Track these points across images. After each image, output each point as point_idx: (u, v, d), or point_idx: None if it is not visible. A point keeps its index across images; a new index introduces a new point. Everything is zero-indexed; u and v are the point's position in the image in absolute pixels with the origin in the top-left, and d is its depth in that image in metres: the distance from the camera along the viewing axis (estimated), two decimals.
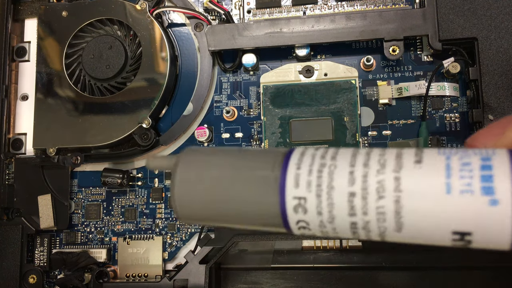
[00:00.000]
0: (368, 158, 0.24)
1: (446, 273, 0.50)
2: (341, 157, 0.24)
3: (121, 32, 0.52)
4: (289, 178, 0.25)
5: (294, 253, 0.52)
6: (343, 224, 0.24)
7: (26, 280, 0.53)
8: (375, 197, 0.23)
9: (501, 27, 0.46)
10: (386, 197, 0.22)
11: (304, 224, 0.25)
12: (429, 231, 0.22)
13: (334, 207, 0.24)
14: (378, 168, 0.23)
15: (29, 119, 0.54)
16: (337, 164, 0.24)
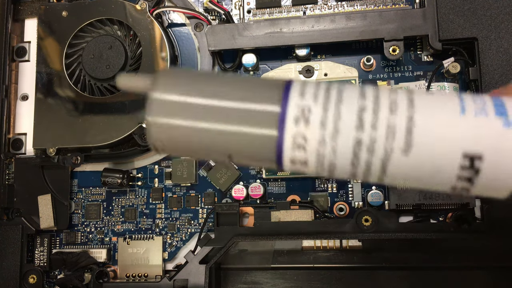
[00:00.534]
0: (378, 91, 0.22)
1: (446, 273, 0.50)
2: (349, 86, 0.23)
3: (121, 32, 0.52)
4: (294, 89, 0.23)
5: (294, 253, 0.52)
6: (347, 142, 0.22)
7: (26, 280, 0.53)
8: (387, 112, 0.21)
9: (501, 27, 0.46)
10: (398, 113, 0.21)
11: (302, 141, 0.22)
12: (438, 154, 0.21)
13: (340, 118, 0.22)
14: (390, 93, 0.22)
15: (29, 119, 0.54)
16: (346, 87, 0.22)
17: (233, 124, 0.23)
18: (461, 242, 0.50)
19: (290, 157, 0.23)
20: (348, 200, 0.49)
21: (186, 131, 0.24)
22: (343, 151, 0.22)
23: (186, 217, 0.52)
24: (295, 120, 0.22)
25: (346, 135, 0.22)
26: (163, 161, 0.53)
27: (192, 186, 0.52)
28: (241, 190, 0.50)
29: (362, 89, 0.22)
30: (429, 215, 0.47)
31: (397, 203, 0.47)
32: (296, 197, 0.50)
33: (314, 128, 0.22)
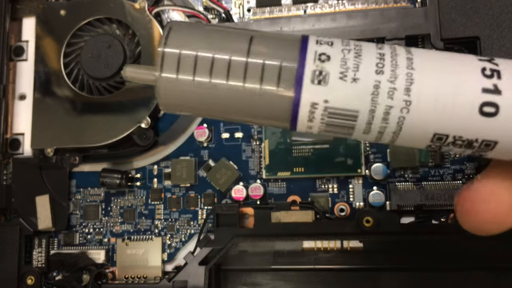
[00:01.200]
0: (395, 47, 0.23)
1: (448, 274, 0.49)
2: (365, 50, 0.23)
3: (120, 31, 0.52)
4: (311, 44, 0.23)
5: (295, 254, 0.51)
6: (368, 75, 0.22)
7: (24, 281, 0.52)
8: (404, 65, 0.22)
9: (503, 26, 0.45)
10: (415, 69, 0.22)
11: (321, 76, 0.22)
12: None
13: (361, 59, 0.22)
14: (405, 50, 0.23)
15: (27, 119, 0.54)
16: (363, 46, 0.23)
17: (248, 80, 0.22)
18: (463, 243, 0.50)
19: (305, 117, 0.23)
20: (349, 201, 0.49)
21: (197, 88, 0.23)
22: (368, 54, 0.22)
23: (186, 218, 0.52)
24: (312, 78, 0.22)
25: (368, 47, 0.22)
26: (162, 161, 0.53)
27: (192, 187, 0.52)
28: (241, 191, 0.50)
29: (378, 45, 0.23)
30: (430, 216, 0.47)
31: (398, 204, 0.46)
32: (297, 197, 0.50)
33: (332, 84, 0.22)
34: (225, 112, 0.24)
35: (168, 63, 0.23)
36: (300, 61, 0.22)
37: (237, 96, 0.23)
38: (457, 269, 0.49)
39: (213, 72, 0.23)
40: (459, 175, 0.48)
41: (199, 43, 0.23)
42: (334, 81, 0.22)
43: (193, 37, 0.23)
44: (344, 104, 0.22)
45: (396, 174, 0.49)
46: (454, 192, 0.45)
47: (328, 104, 0.22)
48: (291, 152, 0.49)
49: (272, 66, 0.22)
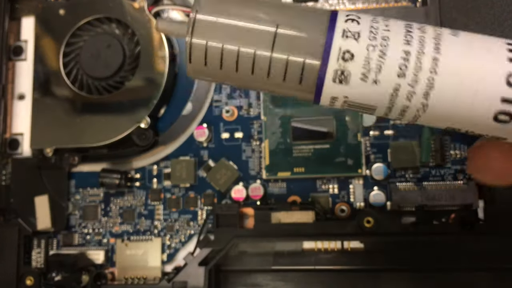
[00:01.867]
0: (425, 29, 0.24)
1: (448, 275, 0.49)
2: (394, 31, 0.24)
3: (119, 31, 0.52)
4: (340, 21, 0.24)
5: (295, 255, 0.51)
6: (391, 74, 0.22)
7: (23, 282, 0.52)
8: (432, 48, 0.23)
9: (504, 25, 0.45)
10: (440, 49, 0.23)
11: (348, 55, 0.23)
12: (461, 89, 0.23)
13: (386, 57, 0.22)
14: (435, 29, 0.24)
15: (26, 119, 0.54)
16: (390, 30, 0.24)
17: (278, 50, 0.23)
18: (464, 243, 0.49)
19: (327, 101, 0.24)
20: (349, 201, 0.49)
21: (228, 54, 0.24)
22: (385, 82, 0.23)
23: (185, 218, 0.52)
24: (334, 77, 0.23)
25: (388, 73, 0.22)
26: (161, 161, 0.53)
27: (191, 187, 0.52)
28: (241, 191, 0.50)
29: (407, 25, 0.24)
30: (431, 217, 0.47)
31: (399, 204, 0.46)
32: (297, 198, 0.49)
33: (358, 63, 0.22)
34: (251, 81, 0.25)
35: (198, 29, 0.24)
36: (324, 59, 0.23)
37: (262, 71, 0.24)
38: (458, 270, 0.49)
39: (242, 41, 0.23)
40: (460, 175, 0.48)
41: (230, 10, 0.24)
42: (355, 81, 0.22)
43: (224, 4, 0.24)
44: (363, 100, 0.23)
45: (396, 174, 0.48)
46: (456, 192, 0.44)
47: (348, 99, 0.23)
48: (291, 152, 0.49)
49: (296, 62, 0.23)
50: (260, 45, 0.23)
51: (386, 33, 0.23)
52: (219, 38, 0.24)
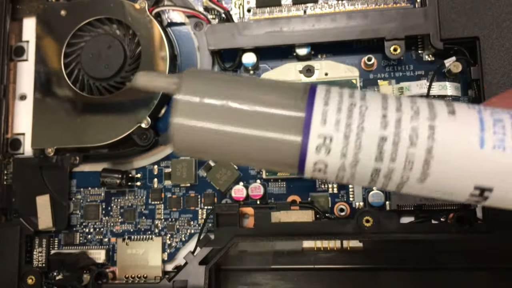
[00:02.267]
0: (400, 104, 0.22)
1: (447, 274, 0.49)
2: (371, 98, 0.23)
3: (120, 31, 0.52)
4: (316, 113, 0.23)
5: (295, 254, 0.51)
6: (365, 170, 0.23)
7: (24, 281, 0.52)
8: (407, 144, 0.22)
9: (503, 26, 0.45)
10: (418, 145, 0.22)
11: (322, 166, 0.23)
12: (452, 184, 0.22)
13: (361, 150, 0.22)
14: (412, 114, 0.22)
15: (27, 119, 0.54)
16: (368, 105, 0.22)
17: (258, 128, 0.23)
18: (462, 243, 0.50)
19: (309, 176, 0.24)
20: (349, 201, 0.49)
21: (210, 134, 0.24)
22: (361, 177, 0.23)
23: (186, 217, 0.52)
24: (317, 150, 0.23)
25: (365, 164, 0.23)
26: (162, 161, 0.53)
27: (192, 187, 0.52)
28: (241, 191, 0.50)
29: (384, 113, 0.22)
30: (430, 216, 0.47)
31: (398, 204, 0.46)
32: (297, 197, 0.50)
33: (335, 158, 0.23)
34: (234, 158, 0.25)
35: (180, 110, 0.24)
36: (303, 144, 0.23)
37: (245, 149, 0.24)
38: (456, 269, 0.49)
39: (223, 120, 0.24)
40: None
41: (211, 91, 0.24)
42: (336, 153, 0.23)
43: (205, 85, 0.24)
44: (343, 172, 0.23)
45: None
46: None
47: (327, 168, 0.23)
48: None
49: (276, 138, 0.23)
50: (240, 124, 0.23)
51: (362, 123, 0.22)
52: (201, 119, 0.24)
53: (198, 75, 0.25)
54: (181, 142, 0.25)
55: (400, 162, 0.22)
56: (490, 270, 0.49)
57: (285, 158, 0.24)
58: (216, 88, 0.24)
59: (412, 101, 0.23)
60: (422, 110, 0.22)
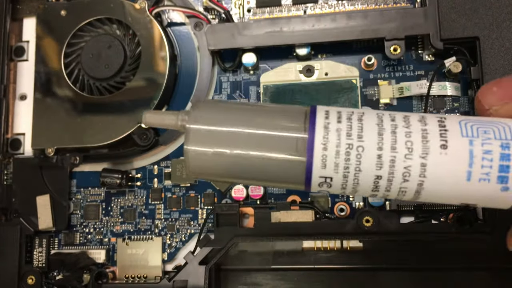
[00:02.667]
0: (395, 140, 0.24)
1: (447, 274, 0.50)
2: (367, 135, 0.25)
3: (120, 32, 0.52)
4: (316, 160, 0.25)
5: (295, 254, 0.51)
6: (364, 194, 0.26)
7: (24, 281, 0.52)
8: (400, 181, 0.25)
9: (503, 26, 0.45)
10: (410, 181, 0.25)
11: (326, 187, 0.26)
12: (441, 201, 0.26)
13: (358, 186, 0.25)
14: (406, 153, 0.24)
15: (27, 119, 0.54)
16: (364, 146, 0.25)
17: (266, 152, 0.26)
18: (462, 243, 0.50)
19: (317, 189, 0.27)
20: (348, 201, 0.49)
21: (220, 157, 0.27)
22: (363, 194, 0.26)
23: (186, 217, 0.52)
24: (319, 185, 0.26)
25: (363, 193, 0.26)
26: (162, 161, 0.53)
27: (192, 187, 0.52)
28: (241, 191, 0.50)
29: (379, 154, 0.25)
30: (430, 216, 0.47)
31: (398, 204, 0.46)
32: (297, 197, 0.50)
33: (335, 189, 0.26)
34: (245, 178, 0.28)
35: (191, 138, 0.27)
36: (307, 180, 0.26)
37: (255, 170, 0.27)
38: (457, 269, 0.49)
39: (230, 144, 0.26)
40: None
41: (217, 119, 0.27)
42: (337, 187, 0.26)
43: (212, 114, 0.27)
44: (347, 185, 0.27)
45: None
46: None
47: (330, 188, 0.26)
48: None
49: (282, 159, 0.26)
50: (248, 147, 0.26)
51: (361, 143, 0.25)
52: (210, 145, 0.27)
53: (205, 105, 0.28)
54: (195, 167, 0.28)
55: (394, 192, 0.25)
56: (490, 270, 0.49)
57: (292, 177, 0.26)
58: (222, 116, 0.27)
59: (406, 135, 0.24)
60: (416, 145, 0.24)
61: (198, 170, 0.28)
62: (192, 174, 0.28)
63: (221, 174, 0.28)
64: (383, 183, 0.25)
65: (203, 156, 0.27)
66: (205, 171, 0.28)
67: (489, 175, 0.24)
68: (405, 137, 0.24)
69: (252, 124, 0.26)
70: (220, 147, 0.26)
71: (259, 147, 0.26)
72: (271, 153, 0.26)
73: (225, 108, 0.28)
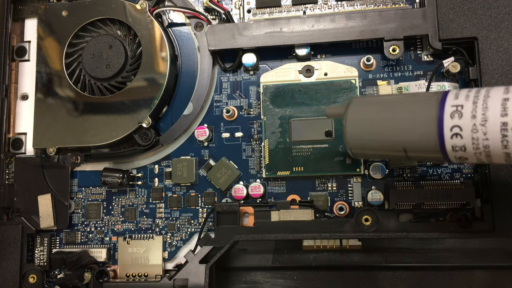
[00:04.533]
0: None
1: (445, 273, 0.50)
2: (494, 90, 0.30)
3: (121, 32, 0.52)
4: (450, 95, 0.31)
5: (294, 253, 0.52)
6: (495, 128, 0.29)
7: (26, 280, 0.53)
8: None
9: (501, 26, 0.46)
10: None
11: (458, 130, 0.30)
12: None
13: (488, 110, 0.29)
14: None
15: (29, 118, 0.54)
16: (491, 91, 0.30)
17: (407, 127, 0.33)
18: (460, 241, 0.50)
19: (451, 146, 0.31)
20: (348, 200, 0.49)
21: (374, 137, 0.36)
22: (494, 136, 0.29)
23: (186, 216, 0.52)
24: (451, 115, 0.30)
25: (493, 121, 0.29)
26: (163, 160, 0.53)
27: (192, 186, 0.52)
28: (241, 190, 0.50)
29: (506, 86, 0.30)
30: (429, 215, 0.47)
31: (397, 203, 0.47)
32: (296, 196, 0.50)
33: (466, 120, 0.30)
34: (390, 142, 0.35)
35: (350, 111, 0.38)
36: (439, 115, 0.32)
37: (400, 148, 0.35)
38: (455, 268, 0.50)
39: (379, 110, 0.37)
40: (457, 174, 0.48)
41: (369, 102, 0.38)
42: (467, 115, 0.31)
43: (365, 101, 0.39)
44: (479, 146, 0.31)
45: (394, 173, 0.49)
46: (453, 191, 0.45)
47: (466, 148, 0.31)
48: (290, 152, 0.49)
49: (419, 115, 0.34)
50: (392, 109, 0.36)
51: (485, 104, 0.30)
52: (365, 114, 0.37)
53: (361, 99, 0.39)
54: (354, 148, 0.38)
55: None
56: (488, 268, 0.49)
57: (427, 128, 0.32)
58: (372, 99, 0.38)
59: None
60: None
61: (356, 150, 0.38)
62: (352, 154, 0.38)
63: (374, 152, 0.37)
64: (510, 103, 0.28)
65: (362, 138, 0.37)
66: (362, 151, 0.38)
67: None
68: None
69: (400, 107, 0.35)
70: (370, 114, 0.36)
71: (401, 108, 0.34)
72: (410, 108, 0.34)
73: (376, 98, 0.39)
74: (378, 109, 0.36)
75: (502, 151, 0.29)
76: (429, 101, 0.32)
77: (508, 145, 0.29)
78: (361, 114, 0.37)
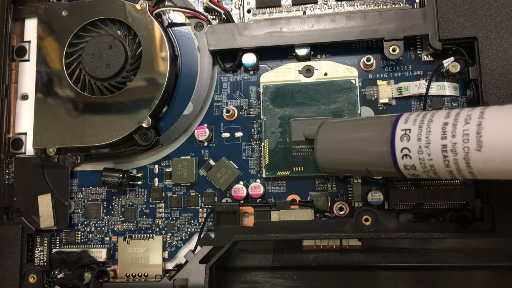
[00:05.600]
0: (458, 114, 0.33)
1: (445, 273, 0.50)
2: (437, 114, 0.34)
3: (121, 32, 0.52)
4: (401, 120, 0.36)
5: (294, 253, 0.52)
6: (436, 149, 0.32)
7: (26, 279, 0.53)
8: (462, 123, 0.31)
9: (501, 26, 0.46)
10: (471, 123, 0.31)
11: (407, 151, 0.34)
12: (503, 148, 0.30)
13: (430, 134, 0.33)
14: (468, 110, 0.33)
15: (29, 118, 0.54)
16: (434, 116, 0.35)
17: (366, 147, 0.38)
18: (460, 241, 0.50)
19: (403, 165, 0.36)
20: (348, 200, 0.49)
21: (339, 156, 0.41)
22: (436, 156, 0.32)
23: (186, 216, 0.52)
24: (401, 138, 0.35)
25: (435, 143, 0.32)
26: (163, 160, 0.53)
27: (192, 186, 0.52)
28: (241, 190, 0.50)
29: (448, 111, 0.34)
30: (429, 215, 0.47)
31: (397, 203, 0.47)
32: (296, 196, 0.50)
33: (413, 142, 0.34)
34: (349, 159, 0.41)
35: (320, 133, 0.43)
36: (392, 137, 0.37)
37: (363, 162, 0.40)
38: (455, 268, 0.50)
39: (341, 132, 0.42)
40: None
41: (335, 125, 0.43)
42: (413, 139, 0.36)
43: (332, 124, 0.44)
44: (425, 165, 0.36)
45: None
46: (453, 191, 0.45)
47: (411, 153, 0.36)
48: (290, 152, 0.49)
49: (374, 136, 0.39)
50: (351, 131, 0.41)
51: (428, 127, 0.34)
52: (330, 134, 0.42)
53: (327, 123, 0.44)
54: (323, 164, 0.43)
55: (459, 137, 0.31)
56: (488, 268, 0.49)
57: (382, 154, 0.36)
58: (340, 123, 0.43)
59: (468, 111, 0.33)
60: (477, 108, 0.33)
61: (325, 167, 0.43)
62: (322, 169, 0.43)
63: (339, 169, 0.43)
64: (449, 127, 0.32)
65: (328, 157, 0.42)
66: (330, 168, 0.43)
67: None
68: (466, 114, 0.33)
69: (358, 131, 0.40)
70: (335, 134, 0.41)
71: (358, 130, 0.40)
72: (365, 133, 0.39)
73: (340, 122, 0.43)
74: (343, 131, 0.41)
75: (445, 169, 0.33)
76: (384, 124, 0.37)
77: (450, 164, 0.32)
78: (329, 135, 0.42)
